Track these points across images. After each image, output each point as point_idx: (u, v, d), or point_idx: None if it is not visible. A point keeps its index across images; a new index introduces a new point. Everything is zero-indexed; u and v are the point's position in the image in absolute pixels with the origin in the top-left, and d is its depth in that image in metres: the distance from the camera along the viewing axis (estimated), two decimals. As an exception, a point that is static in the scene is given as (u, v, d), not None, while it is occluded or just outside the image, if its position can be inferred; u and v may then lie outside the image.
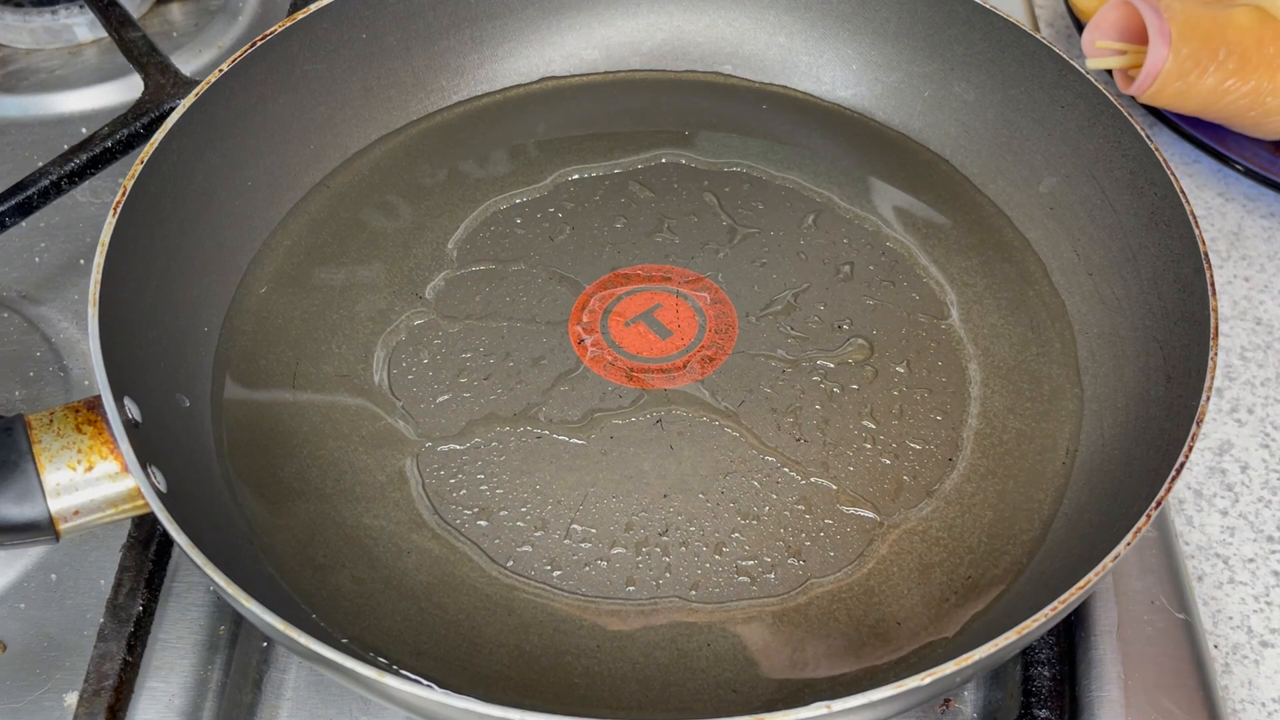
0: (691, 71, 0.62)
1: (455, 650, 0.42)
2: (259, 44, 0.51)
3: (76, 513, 0.40)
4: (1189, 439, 0.40)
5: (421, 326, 0.51)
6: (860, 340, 0.50)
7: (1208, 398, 0.41)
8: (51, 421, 0.40)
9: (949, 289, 0.52)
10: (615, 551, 0.44)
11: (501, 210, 0.55)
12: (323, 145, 0.50)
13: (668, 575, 0.43)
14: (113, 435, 0.39)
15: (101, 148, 0.54)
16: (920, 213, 0.55)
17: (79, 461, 0.40)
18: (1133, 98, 0.63)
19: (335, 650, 0.34)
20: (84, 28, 0.67)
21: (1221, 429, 0.54)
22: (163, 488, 0.40)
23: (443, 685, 0.40)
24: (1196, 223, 0.46)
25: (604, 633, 0.42)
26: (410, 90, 0.58)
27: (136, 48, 0.59)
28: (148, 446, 0.40)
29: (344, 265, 0.52)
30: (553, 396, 0.48)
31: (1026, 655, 0.43)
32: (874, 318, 0.51)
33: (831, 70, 0.60)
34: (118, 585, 0.43)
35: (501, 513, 0.45)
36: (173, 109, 0.48)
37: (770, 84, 0.61)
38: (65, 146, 0.55)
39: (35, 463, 0.39)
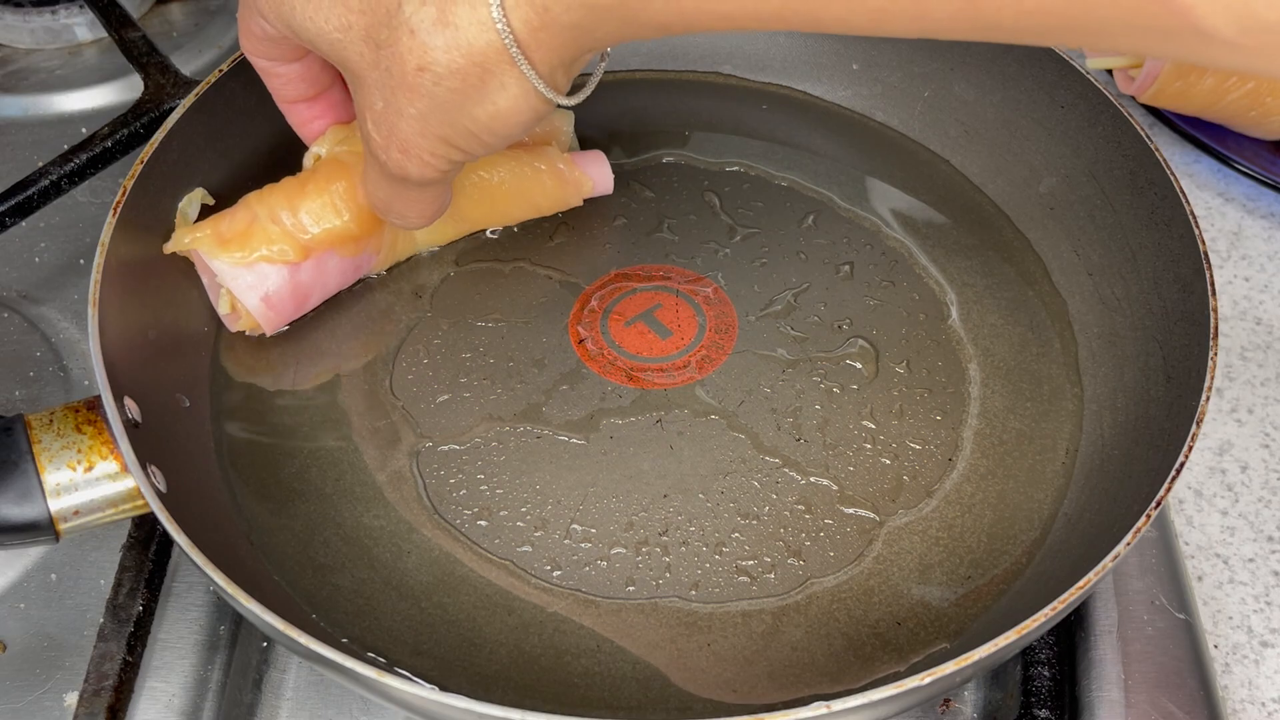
0: (691, 71, 0.62)
1: (455, 650, 0.42)
2: (259, 44, 0.51)
3: (76, 513, 0.40)
4: (1189, 439, 0.40)
5: (421, 326, 0.51)
6: (860, 340, 0.50)
7: (1207, 397, 0.41)
8: (51, 422, 0.40)
9: (949, 289, 0.52)
10: (615, 551, 0.44)
11: (501, 210, 0.55)
12: (323, 145, 0.50)
13: (667, 575, 0.43)
14: (113, 435, 0.40)
15: (101, 148, 0.54)
16: (920, 213, 0.55)
17: (79, 461, 0.40)
18: (1133, 97, 0.63)
19: (335, 650, 0.35)
20: (84, 28, 0.67)
21: (1221, 429, 0.54)
22: (162, 488, 0.40)
23: (442, 685, 0.40)
24: (1196, 223, 0.46)
25: (603, 633, 0.42)
26: (410, 90, 0.58)
27: (136, 48, 0.59)
28: (147, 446, 0.40)
29: (344, 265, 0.52)
30: (553, 396, 0.48)
31: (1026, 655, 0.43)
32: (874, 317, 0.51)
33: (831, 70, 0.60)
34: (118, 585, 0.43)
35: (501, 513, 0.45)
36: (173, 109, 0.49)
37: (770, 84, 0.61)
38: (65, 146, 0.55)
39: (35, 463, 0.39)
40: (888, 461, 0.47)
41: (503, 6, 0.34)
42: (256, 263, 0.46)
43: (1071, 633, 0.44)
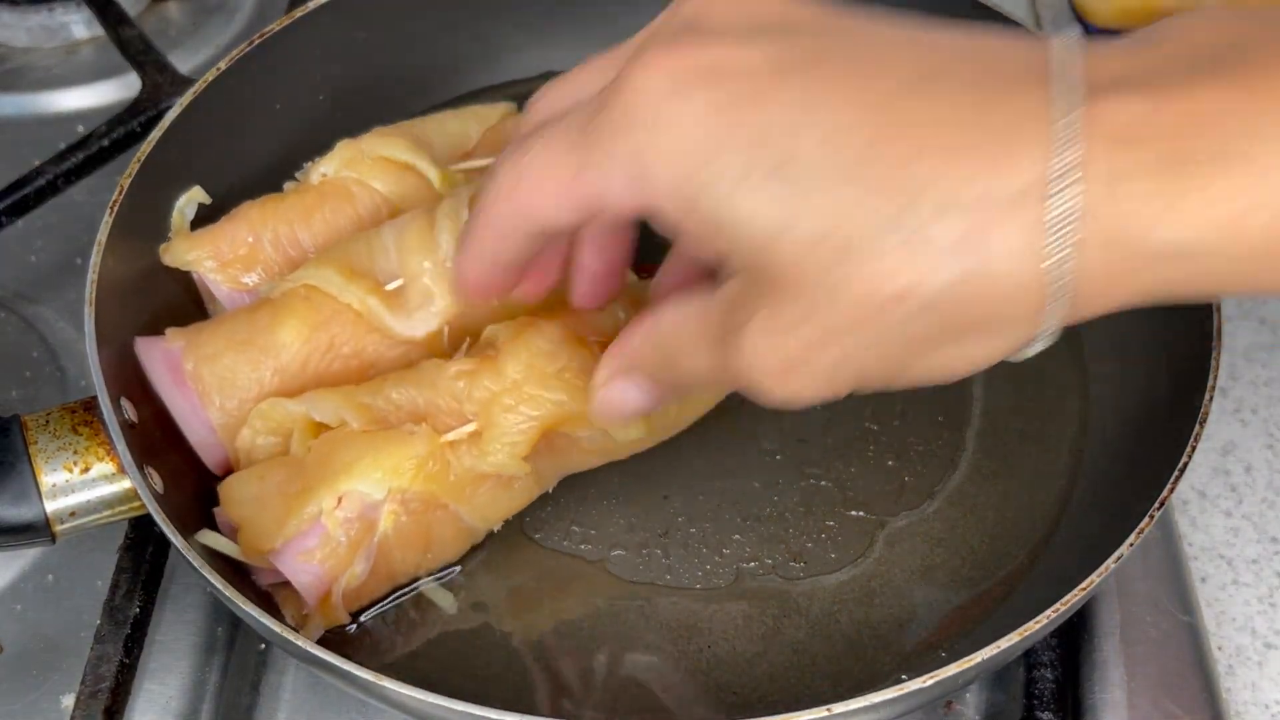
0: (692, 70, 0.61)
1: (453, 651, 0.41)
2: (256, 42, 0.51)
3: (73, 514, 0.40)
4: (1192, 439, 0.40)
5: (420, 326, 0.50)
6: (861, 340, 0.50)
7: (1211, 398, 0.41)
8: (48, 422, 0.40)
9: (951, 288, 0.52)
10: (615, 553, 0.44)
11: (501, 209, 0.55)
12: (321, 143, 0.50)
13: (668, 577, 0.43)
14: (109, 436, 0.39)
15: (98, 146, 0.54)
16: (922, 212, 0.55)
17: (75, 463, 0.40)
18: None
19: (332, 652, 0.34)
20: (80, 25, 0.67)
21: (1225, 429, 0.54)
22: (159, 489, 0.40)
23: (440, 687, 0.40)
24: (1200, 222, 0.46)
25: (604, 633, 0.42)
26: (409, 87, 0.58)
27: (133, 46, 0.59)
28: (144, 448, 0.40)
29: (342, 264, 0.52)
30: (552, 397, 0.48)
31: (1029, 657, 0.43)
32: (875, 317, 0.51)
33: (832, 68, 0.60)
34: (115, 587, 0.42)
35: (501, 514, 0.45)
36: (170, 107, 0.48)
37: (771, 82, 0.61)
38: (62, 145, 0.55)
39: (31, 464, 0.39)
40: (890, 462, 0.46)
41: (1079, 243, 0.26)
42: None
43: (1074, 634, 0.44)
